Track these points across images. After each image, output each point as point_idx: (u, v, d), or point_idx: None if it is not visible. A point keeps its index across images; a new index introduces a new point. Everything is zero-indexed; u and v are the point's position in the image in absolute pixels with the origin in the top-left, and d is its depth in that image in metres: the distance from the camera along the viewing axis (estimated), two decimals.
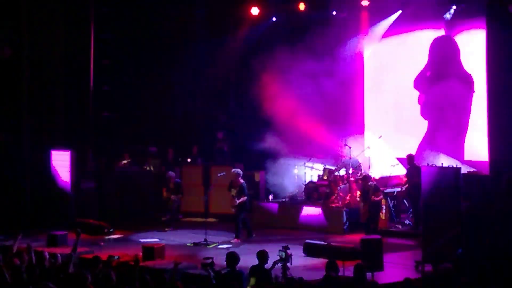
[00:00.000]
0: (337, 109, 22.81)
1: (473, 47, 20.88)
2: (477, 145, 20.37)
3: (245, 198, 19.21)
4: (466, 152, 20.99)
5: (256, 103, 23.43)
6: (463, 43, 21.53)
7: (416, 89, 22.34)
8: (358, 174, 20.57)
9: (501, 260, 12.96)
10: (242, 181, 19.41)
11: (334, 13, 23.27)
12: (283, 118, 22.68)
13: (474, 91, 20.67)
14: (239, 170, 19.72)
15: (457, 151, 21.06)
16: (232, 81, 24.93)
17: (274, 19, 24.15)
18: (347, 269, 13.58)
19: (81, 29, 22.54)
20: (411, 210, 19.64)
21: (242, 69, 24.20)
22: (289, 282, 11.40)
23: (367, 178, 18.69)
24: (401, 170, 20.84)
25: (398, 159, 21.65)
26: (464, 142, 21.19)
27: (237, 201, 19.07)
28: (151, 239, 18.94)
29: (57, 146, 21.87)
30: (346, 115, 23.33)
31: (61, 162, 21.54)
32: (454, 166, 14.93)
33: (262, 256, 12.43)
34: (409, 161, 19.46)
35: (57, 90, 22.31)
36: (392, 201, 20.02)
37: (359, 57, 23.78)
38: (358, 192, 19.22)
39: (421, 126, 22.46)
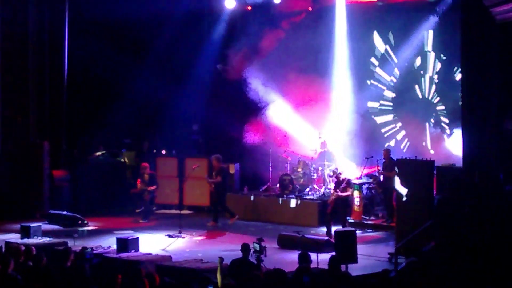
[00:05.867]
0: (314, 100, 22.76)
1: None
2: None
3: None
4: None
5: (231, 94, 23.47)
6: None
7: None
8: (333, 167, 20.66)
9: (472, 252, 13.08)
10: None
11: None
12: (258, 110, 22.78)
13: None
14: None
15: None
16: (208, 72, 24.86)
17: (249, 8, 24.08)
18: (321, 262, 13.64)
19: (55, 19, 22.38)
20: (383, 202, 19.73)
21: (218, 60, 24.17)
22: (267, 273, 11.39)
23: (339, 172, 18.84)
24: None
25: None
26: None
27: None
28: (125, 231, 18.89)
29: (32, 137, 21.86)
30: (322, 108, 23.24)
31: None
32: None
33: (246, 248, 12.58)
34: (386, 154, 19.50)
35: (30, 82, 22.14)
36: (366, 193, 20.11)
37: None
38: (333, 184, 19.29)
39: None
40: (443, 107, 21.63)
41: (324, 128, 22.24)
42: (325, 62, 22.73)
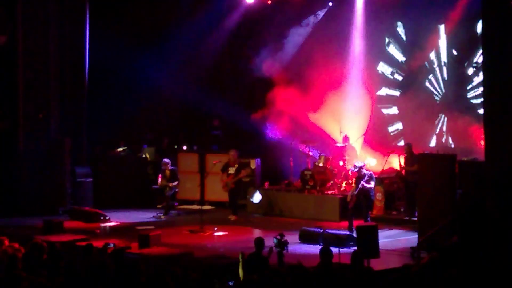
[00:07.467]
0: (335, 95, 22.74)
1: None
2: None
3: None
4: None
5: (251, 89, 23.46)
6: None
7: None
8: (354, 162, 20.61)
9: (495, 249, 13.00)
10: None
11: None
12: (279, 105, 22.77)
13: None
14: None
15: None
16: (227, 67, 24.88)
17: (269, 2, 24.04)
18: (342, 256, 13.61)
19: (76, 16, 22.45)
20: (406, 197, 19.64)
21: (236, 54, 24.18)
22: (288, 268, 11.38)
23: (361, 165, 18.71)
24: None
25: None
26: None
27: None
28: (146, 227, 18.95)
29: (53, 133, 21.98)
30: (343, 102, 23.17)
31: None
32: None
33: (259, 243, 12.49)
34: (407, 149, 19.42)
35: (52, 78, 22.23)
36: (387, 188, 20.03)
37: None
38: (354, 179, 19.22)
39: None
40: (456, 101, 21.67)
41: (345, 122, 22.23)
42: (346, 53, 22.73)
